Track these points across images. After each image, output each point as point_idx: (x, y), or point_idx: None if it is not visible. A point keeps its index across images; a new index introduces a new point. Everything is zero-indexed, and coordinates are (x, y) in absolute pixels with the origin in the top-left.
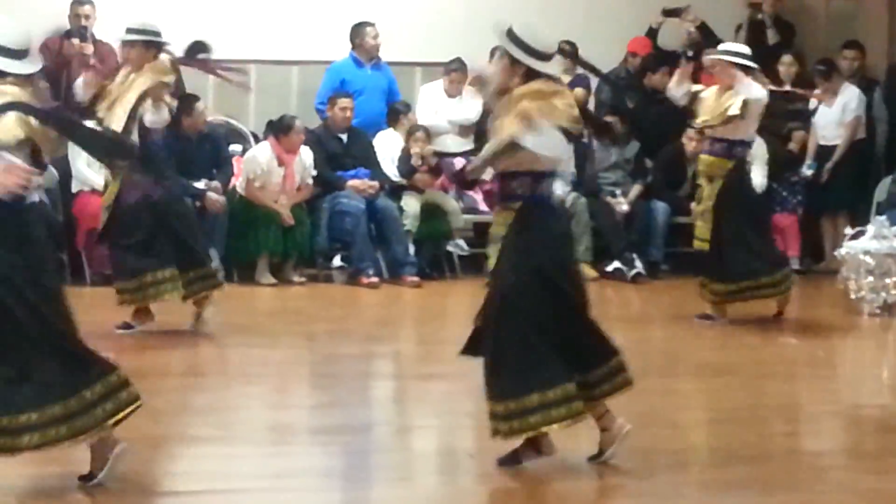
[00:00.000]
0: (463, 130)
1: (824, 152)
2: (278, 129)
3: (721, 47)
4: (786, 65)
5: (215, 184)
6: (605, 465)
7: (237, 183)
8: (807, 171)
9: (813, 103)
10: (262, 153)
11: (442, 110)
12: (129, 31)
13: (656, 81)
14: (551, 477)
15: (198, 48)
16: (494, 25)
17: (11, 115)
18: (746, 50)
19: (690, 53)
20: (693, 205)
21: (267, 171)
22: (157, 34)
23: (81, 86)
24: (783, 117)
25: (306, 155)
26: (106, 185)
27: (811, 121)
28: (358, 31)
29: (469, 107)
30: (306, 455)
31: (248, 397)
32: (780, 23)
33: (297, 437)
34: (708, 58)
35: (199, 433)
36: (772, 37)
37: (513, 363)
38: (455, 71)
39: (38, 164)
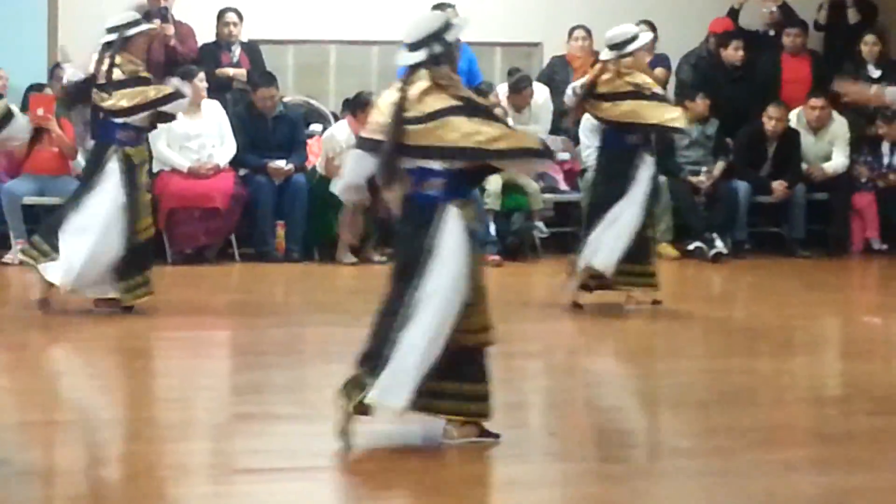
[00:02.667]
0: None
1: None
2: (355, 106)
3: None
4: (868, 44)
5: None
6: (688, 443)
7: (317, 162)
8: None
9: None
10: (341, 131)
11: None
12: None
13: (730, 56)
14: (630, 455)
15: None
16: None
17: None
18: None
19: (772, 32)
20: None
21: (346, 148)
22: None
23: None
24: None
25: None
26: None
27: None
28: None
29: (539, 122)
30: (386, 434)
31: (329, 376)
32: (862, 2)
33: (377, 415)
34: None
35: (281, 411)
36: (852, 16)
37: None
38: (524, 89)
39: None
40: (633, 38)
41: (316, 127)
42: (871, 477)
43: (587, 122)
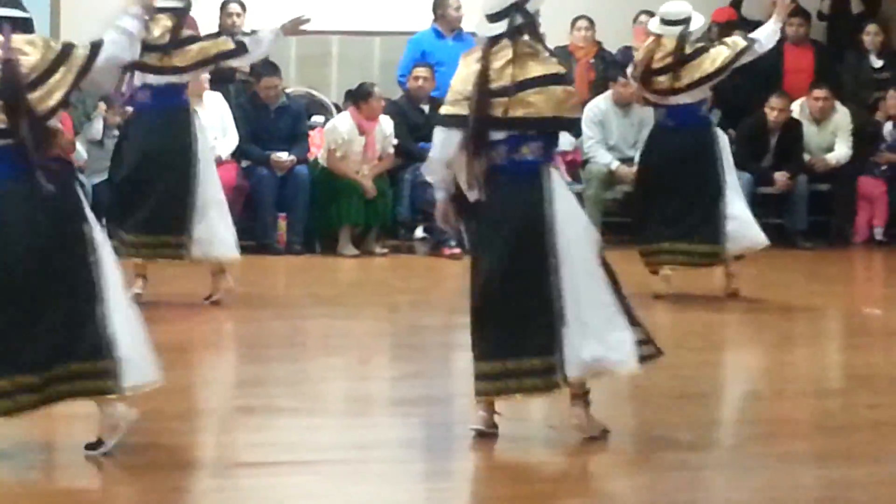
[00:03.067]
0: None
1: None
2: (357, 96)
3: None
4: (871, 34)
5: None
6: (689, 436)
7: (319, 154)
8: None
9: None
10: (343, 123)
11: None
12: None
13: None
14: (631, 448)
15: None
16: None
17: None
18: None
19: None
20: None
21: (348, 140)
22: None
23: None
24: (870, 86)
25: (386, 124)
26: None
27: None
28: (440, 1)
29: None
30: (388, 426)
31: (331, 369)
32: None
33: (379, 408)
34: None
35: (282, 404)
36: (856, 6)
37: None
38: None
39: None
40: (690, 18)
41: (318, 118)
42: (873, 469)
43: (589, 111)
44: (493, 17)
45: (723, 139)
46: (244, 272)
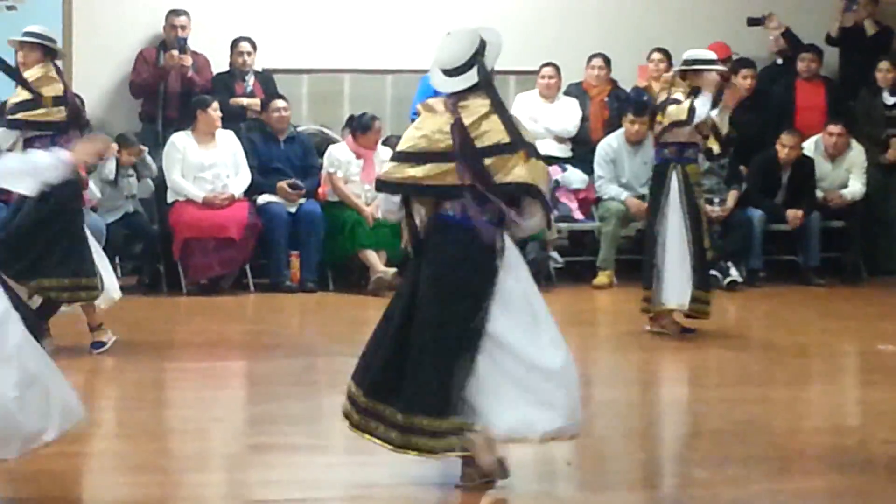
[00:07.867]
0: (561, 138)
1: None
2: (356, 126)
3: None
4: (882, 71)
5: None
6: (703, 473)
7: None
8: None
9: None
10: (339, 149)
11: (540, 118)
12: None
13: (739, 84)
14: (646, 485)
15: None
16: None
17: None
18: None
19: (780, 61)
20: None
21: (345, 161)
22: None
23: None
24: (882, 124)
25: (384, 153)
26: None
27: None
28: None
29: (567, 115)
30: (400, 464)
31: None
32: (879, 25)
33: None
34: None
35: (297, 442)
36: (869, 27)
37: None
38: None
39: None
40: (705, 61)
41: None
42: None
43: (601, 150)
44: (453, 72)
45: (675, 181)
46: (257, 310)
